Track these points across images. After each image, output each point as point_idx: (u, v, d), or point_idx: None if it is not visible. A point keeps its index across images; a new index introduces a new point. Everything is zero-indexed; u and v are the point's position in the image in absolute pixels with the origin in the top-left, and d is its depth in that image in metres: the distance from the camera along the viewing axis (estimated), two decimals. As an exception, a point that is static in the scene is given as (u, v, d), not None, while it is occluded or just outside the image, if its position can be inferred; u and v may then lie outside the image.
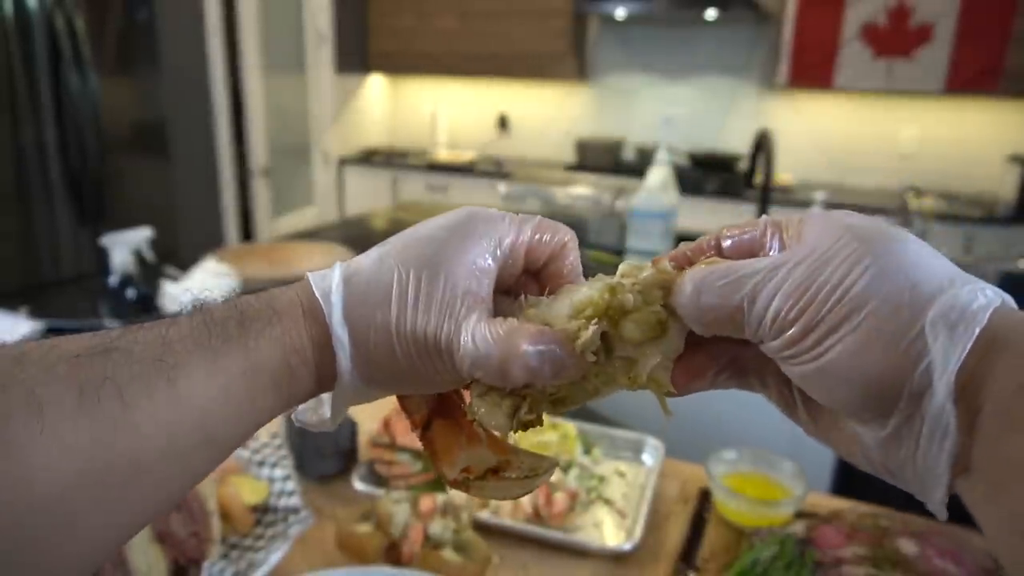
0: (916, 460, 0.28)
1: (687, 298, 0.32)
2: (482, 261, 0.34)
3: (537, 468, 0.37)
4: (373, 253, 0.35)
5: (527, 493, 0.37)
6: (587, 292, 0.33)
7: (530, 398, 0.34)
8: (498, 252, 0.35)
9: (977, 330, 0.27)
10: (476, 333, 0.32)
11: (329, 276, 0.34)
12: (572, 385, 0.34)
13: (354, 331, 0.33)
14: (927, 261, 0.29)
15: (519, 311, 0.35)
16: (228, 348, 0.31)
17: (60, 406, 0.26)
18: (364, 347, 0.33)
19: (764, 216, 0.35)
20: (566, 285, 0.36)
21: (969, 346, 0.26)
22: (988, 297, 0.27)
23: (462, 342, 0.32)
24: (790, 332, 0.29)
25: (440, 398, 0.39)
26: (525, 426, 0.35)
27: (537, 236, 0.36)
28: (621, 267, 0.35)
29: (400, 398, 0.39)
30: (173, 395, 0.29)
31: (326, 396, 0.35)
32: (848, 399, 0.29)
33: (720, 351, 0.35)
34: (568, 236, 0.37)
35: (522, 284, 0.37)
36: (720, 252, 0.35)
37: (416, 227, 0.35)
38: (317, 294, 0.33)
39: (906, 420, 0.28)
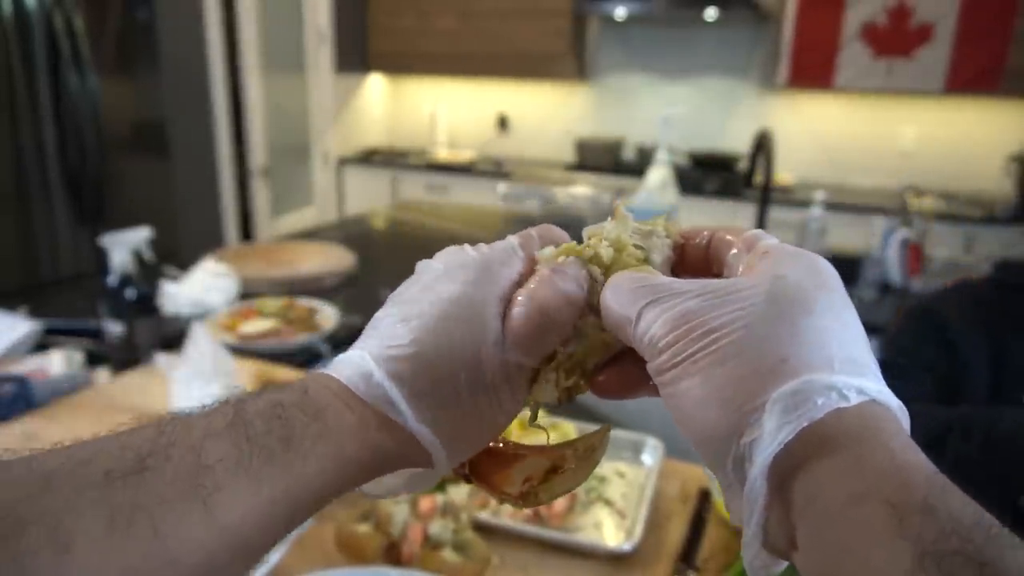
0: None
1: (603, 296, 0.34)
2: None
3: (593, 443, 0.39)
4: (403, 335, 0.33)
5: (593, 471, 0.39)
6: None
7: (561, 367, 0.36)
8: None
9: (805, 423, 0.26)
10: (514, 309, 0.34)
11: (374, 377, 0.33)
12: (585, 341, 0.36)
13: (436, 423, 0.33)
14: (818, 341, 0.28)
15: None
16: (272, 471, 0.29)
17: (88, 537, 0.25)
18: (450, 430, 0.33)
19: (755, 231, 0.35)
20: None
21: (792, 435, 0.26)
22: (844, 395, 0.27)
23: (508, 322, 0.34)
24: (660, 359, 0.30)
25: None
26: (568, 394, 0.36)
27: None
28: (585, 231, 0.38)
29: None
30: (210, 521, 0.27)
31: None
32: (691, 439, 0.30)
33: None
34: (565, 236, 0.39)
35: None
36: (707, 252, 0.36)
37: (433, 287, 0.35)
38: (376, 403, 0.32)
39: (735, 480, 0.29)
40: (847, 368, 0.28)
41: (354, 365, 0.33)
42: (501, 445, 0.39)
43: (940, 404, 1.17)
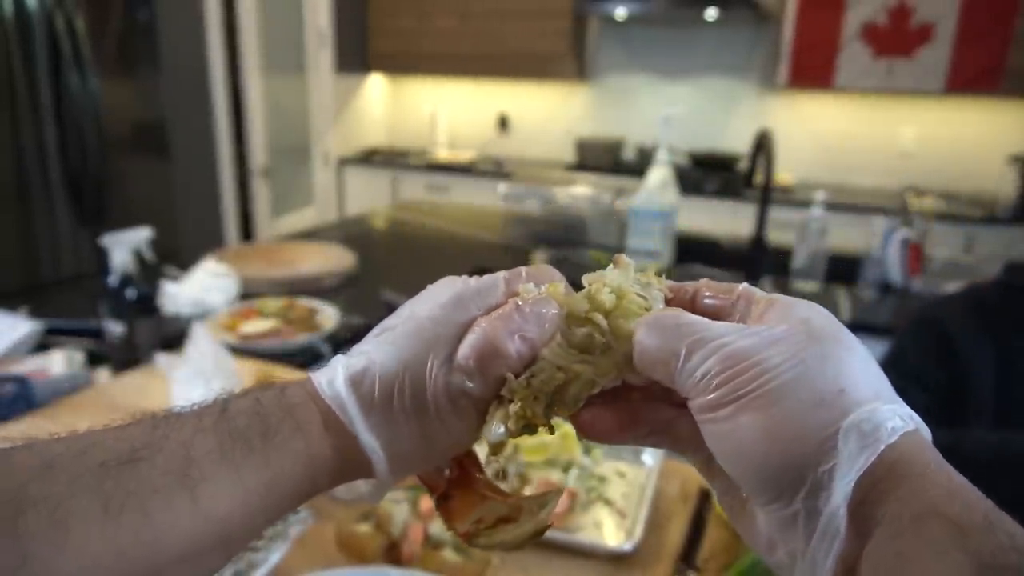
0: (806, 553, 0.29)
1: (637, 335, 0.34)
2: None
3: (544, 500, 0.39)
4: (369, 344, 0.36)
5: (539, 533, 0.38)
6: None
7: (518, 399, 0.35)
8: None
9: (882, 447, 0.28)
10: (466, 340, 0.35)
11: (336, 381, 0.35)
12: (550, 374, 0.35)
13: (382, 434, 0.35)
14: (862, 372, 0.30)
15: None
16: (251, 462, 0.31)
17: (84, 521, 0.27)
18: (395, 444, 0.35)
19: (743, 284, 0.37)
20: None
21: (873, 459, 0.28)
22: (903, 420, 0.29)
23: (458, 354, 0.35)
24: (712, 395, 0.31)
25: (460, 469, 0.40)
26: (525, 427, 0.35)
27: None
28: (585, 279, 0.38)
29: (420, 475, 0.41)
30: (195, 509, 0.29)
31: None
32: (748, 473, 0.30)
33: (655, 413, 0.37)
34: (557, 277, 0.39)
35: None
36: (693, 306, 0.37)
37: (414, 305, 0.37)
38: (332, 406, 0.34)
39: (801, 512, 0.29)
40: (886, 396, 0.30)
41: (330, 368, 0.36)
42: (478, 476, 0.40)
43: (940, 422, 1.17)
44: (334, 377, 0.35)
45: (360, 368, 0.35)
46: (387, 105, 4.85)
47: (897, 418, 0.29)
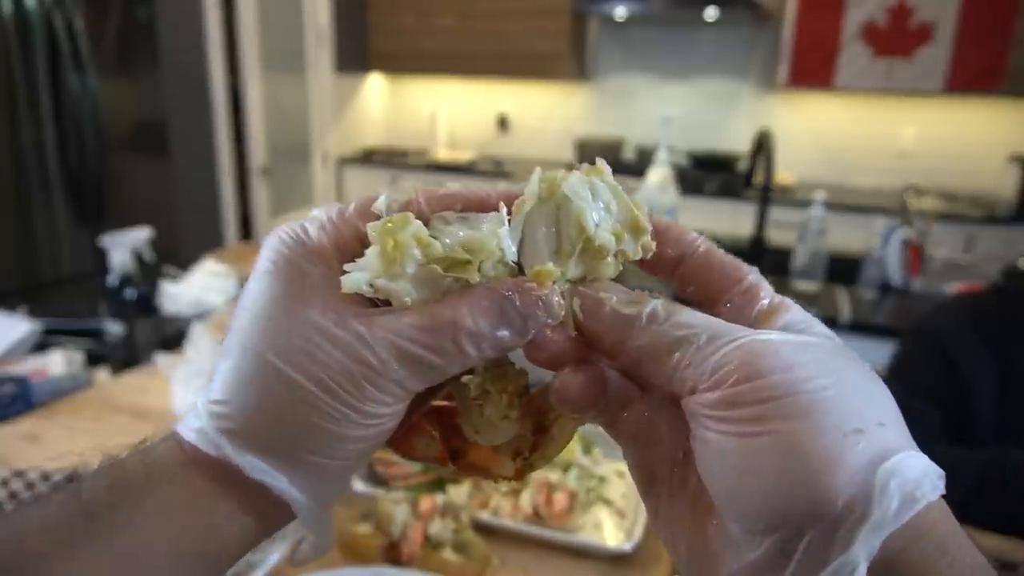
0: None
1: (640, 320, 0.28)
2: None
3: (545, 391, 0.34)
4: (223, 363, 0.28)
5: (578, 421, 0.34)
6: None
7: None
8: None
9: (921, 506, 0.23)
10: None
11: (199, 417, 0.28)
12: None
13: (274, 454, 0.27)
14: (894, 410, 0.26)
15: None
16: (96, 530, 0.25)
17: None
18: (293, 455, 0.27)
19: (753, 274, 0.31)
20: None
21: (909, 516, 0.23)
22: (940, 478, 0.25)
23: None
24: (726, 392, 0.25)
25: (442, 427, 0.35)
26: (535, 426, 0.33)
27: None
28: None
29: (398, 449, 0.35)
30: None
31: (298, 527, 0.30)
32: (747, 495, 0.24)
33: (619, 390, 0.31)
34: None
35: None
36: (673, 273, 0.32)
37: (242, 301, 0.29)
38: (205, 448, 0.27)
39: (797, 555, 0.24)
40: (912, 443, 0.25)
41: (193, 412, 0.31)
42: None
43: (948, 434, 1.17)
44: (198, 413, 0.28)
45: (225, 383, 0.28)
46: (387, 105, 4.85)
47: (934, 474, 0.24)
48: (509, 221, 0.30)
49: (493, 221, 0.29)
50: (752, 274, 0.30)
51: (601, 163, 0.32)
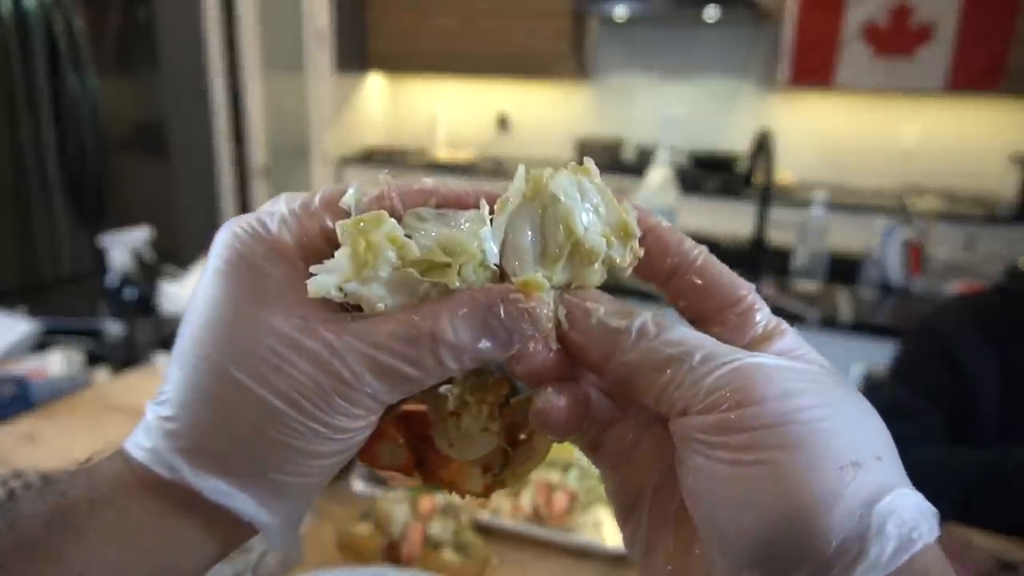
0: None
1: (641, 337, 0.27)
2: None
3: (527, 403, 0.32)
4: (174, 373, 0.27)
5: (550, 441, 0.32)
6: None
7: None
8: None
9: (918, 548, 0.23)
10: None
11: (150, 434, 0.26)
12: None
13: (236, 474, 0.25)
14: (891, 445, 0.25)
15: None
16: (33, 567, 0.23)
17: None
18: (256, 474, 0.25)
19: (751, 294, 0.29)
20: None
21: (903, 560, 0.22)
22: (935, 518, 0.24)
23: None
24: (719, 416, 0.24)
25: (410, 433, 0.32)
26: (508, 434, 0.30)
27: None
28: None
29: (361, 457, 0.31)
30: None
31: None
32: (736, 525, 0.23)
33: (601, 411, 0.30)
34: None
35: None
36: (667, 283, 0.30)
37: (192, 303, 0.27)
38: (158, 469, 0.25)
39: None
40: (907, 480, 0.24)
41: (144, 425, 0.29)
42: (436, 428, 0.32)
43: (950, 434, 1.17)
44: (148, 429, 0.26)
45: (172, 398, 0.26)
46: (386, 104, 4.85)
47: (930, 514, 0.23)
48: (491, 221, 0.28)
49: (474, 220, 0.27)
50: (750, 293, 0.29)
51: (589, 163, 0.29)
